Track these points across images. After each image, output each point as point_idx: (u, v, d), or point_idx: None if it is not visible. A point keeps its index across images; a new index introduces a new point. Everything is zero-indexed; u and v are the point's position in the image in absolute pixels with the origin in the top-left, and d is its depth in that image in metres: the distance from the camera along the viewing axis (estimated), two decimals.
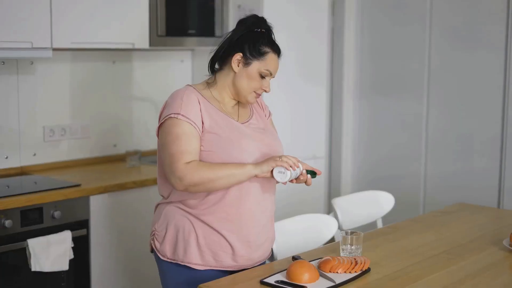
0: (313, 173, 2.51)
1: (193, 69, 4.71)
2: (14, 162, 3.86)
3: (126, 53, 4.32)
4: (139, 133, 4.45)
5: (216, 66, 2.61)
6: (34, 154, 3.94)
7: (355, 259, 2.47)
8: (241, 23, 2.58)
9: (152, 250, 2.63)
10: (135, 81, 4.41)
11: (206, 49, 4.53)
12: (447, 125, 4.51)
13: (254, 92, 2.56)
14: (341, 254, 2.59)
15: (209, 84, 2.58)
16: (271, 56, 2.54)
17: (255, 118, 2.64)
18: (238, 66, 2.53)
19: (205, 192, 2.46)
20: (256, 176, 2.43)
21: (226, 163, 2.43)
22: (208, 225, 2.48)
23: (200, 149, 2.45)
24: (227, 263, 2.52)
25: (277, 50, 2.58)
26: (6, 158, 3.82)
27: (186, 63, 4.67)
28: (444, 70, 4.49)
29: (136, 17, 3.95)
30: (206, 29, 4.32)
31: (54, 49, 3.62)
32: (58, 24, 3.57)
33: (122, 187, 3.66)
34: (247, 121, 2.60)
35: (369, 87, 4.90)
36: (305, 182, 2.51)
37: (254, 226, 2.53)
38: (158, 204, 2.65)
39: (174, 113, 2.43)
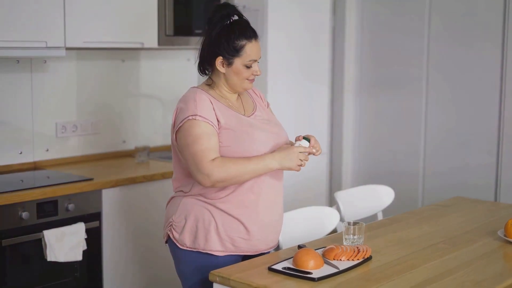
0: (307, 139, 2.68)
1: None
2: (28, 157, 4.00)
3: (134, 52, 4.46)
4: (147, 130, 4.59)
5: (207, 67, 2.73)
6: (47, 150, 4.08)
7: (357, 247, 2.61)
8: (210, 22, 2.67)
9: (167, 241, 2.77)
10: (143, 79, 4.55)
11: None
12: (445, 121, 4.61)
13: (247, 79, 2.69)
14: (344, 243, 2.73)
15: (209, 85, 2.72)
16: (248, 46, 2.64)
17: (259, 110, 2.79)
18: (223, 67, 2.66)
19: (230, 188, 2.63)
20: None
21: (248, 157, 2.58)
22: (226, 212, 2.64)
23: (219, 144, 2.60)
24: (245, 248, 2.69)
25: (251, 36, 2.66)
26: (20, 153, 3.97)
27: (192, 61, 4.81)
28: (442, 68, 4.59)
29: (145, 17, 4.09)
30: None
31: (67, 48, 3.76)
32: (71, 24, 3.72)
33: (132, 181, 3.80)
34: (253, 114, 2.75)
35: (369, 84, 5.00)
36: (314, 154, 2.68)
37: (269, 207, 2.71)
38: (172, 197, 2.79)
39: (191, 115, 2.57)
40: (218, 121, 2.62)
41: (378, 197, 3.74)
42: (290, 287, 2.32)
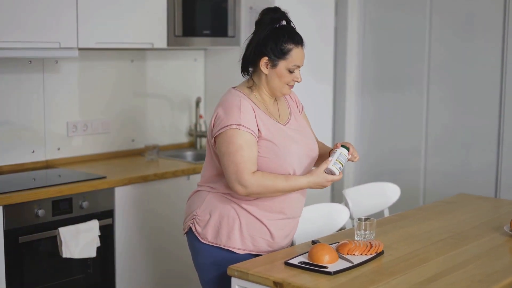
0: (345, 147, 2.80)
1: (205, 68, 4.93)
2: (40, 156, 4.08)
3: (143, 52, 4.54)
4: (156, 129, 4.67)
5: (250, 68, 2.80)
6: (58, 149, 4.16)
7: (370, 242, 2.69)
8: (260, 24, 2.74)
9: (187, 233, 2.84)
10: (151, 79, 4.63)
11: (219, 49, 4.78)
12: (447, 120, 4.66)
13: (287, 84, 2.76)
14: (356, 238, 2.82)
15: (250, 88, 2.77)
16: (295, 51, 2.71)
17: (294, 118, 2.86)
18: (267, 68, 2.72)
19: None
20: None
21: (286, 176, 2.68)
22: (251, 214, 2.73)
23: (257, 154, 2.68)
24: (264, 248, 2.78)
25: (299, 42, 2.73)
26: (33, 152, 4.04)
27: (199, 61, 4.89)
28: (443, 67, 4.65)
29: (155, 18, 4.17)
30: (219, 29, 4.54)
31: (80, 49, 3.84)
32: (83, 25, 3.80)
33: (144, 179, 3.88)
34: (288, 122, 2.82)
35: (371, 83, 5.04)
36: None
37: (293, 217, 2.84)
38: (197, 191, 2.86)
39: (236, 124, 2.63)
40: (259, 130, 2.68)
41: (384, 194, 3.82)
42: (307, 281, 2.40)
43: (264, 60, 2.71)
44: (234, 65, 4.73)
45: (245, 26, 4.65)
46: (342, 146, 2.78)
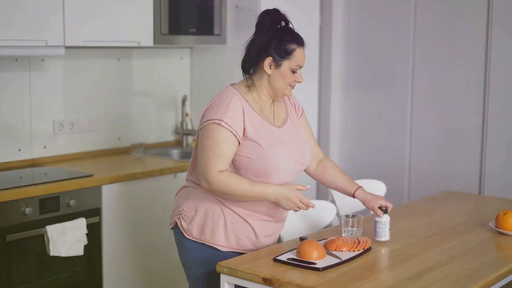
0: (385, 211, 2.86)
1: (191, 66, 4.94)
2: (26, 155, 4.06)
3: (129, 50, 4.54)
4: (142, 127, 4.67)
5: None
6: (45, 147, 4.15)
7: (357, 239, 2.72)
8: (260, 26, 2.75)
9: (173, 228, 2.85)
10: (137, 77, 4.63)
11: (205, 47, 4.80)
12: (431, 117, 4.69)
13: (289, 85, 2.78)
14: (343, 235, 2.84)
15: (249, 87, 2.78)
16: (298, 51, 2.73)
17: (289, 122, 2.86)
18: (270, 68, 2.73)
19: None
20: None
21: (253, 182, 2.67)
22: (236, 213, 2.74)
23: (241, 154, 2.68)
24: (247, 246, 2.79)
25: (301, 42, 2.76)
26: (19, 150, 4.03)
27: (185, 60, 4.90)
28: (427, 65, 4.67)
29: (141, 16, 4.17)
30: (205, 28, 4.55)
31: (66, 47, 3.83)
32: (70, 24, 3.79)
33: (131, 177, 3.88)
34: (283, 125, 2.82)
35: (356, 81, 5.06)
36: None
37: (278, 218, 2.84)
38: (184, 187, 2.87)
39: (218, 119, 2.64)
40: (245, 129, 2.68)
41: (371, 191, 3.82)
42: (296, 277, 2.42)
43: (268, 61, 2.72)
44: (220, 63, 4.78)
45: (231, 25, 4.67)
46: (385, 212, 2.86)
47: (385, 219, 2.82)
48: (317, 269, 2.48)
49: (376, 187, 3.86)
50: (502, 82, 4.35)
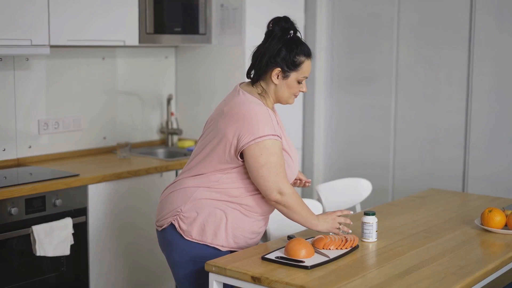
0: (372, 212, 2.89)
1: (176, 65, 4.94)
2: (11, 154, 4.04)
3: (114, 49, 4.53)
4: (127, 126, 4.66)
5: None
6: (30, 147, 4.13)
7: (345, 237, 2.74)
8: (270, 34, 2.76)
9: (164, 229, 2.83)
10: (122, 77, 4.62)
11: (190, 46, 4.80)
12: (414, 116, 4.72)
13: (294, 95, 2.82)
14: (331, 233, 2.85)
15: (261, 95, 2.79)
16: (305, 63, 2.77)
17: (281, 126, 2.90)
18: (278, 78, 2.76)
19: (254, 191, 2.77)
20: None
21: (310, 210, 2.80)
22: (237, 214, 2.76)
23: None
24: (242, 244, 2.82)
25: (309, 54, 2.79)
26: (4, 150, 4.00)
27: (170, 59, 4.90)
28: (411, 65, 4.69)
29: (126, 15, 4.16)
30: (190, 27, 4.55)
31: (51, 46, 3.81)
32: (55, 23, 3.78)
33: (117, 176, 3.87)
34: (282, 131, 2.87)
35: (341, 80, 5.07)
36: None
37: (267, 215, 2.90)
38: (181, 188, 2.81)
39: (273, 134, 2.67)
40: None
41: (357, 190, 3.87)
42: (285, 275, 2.43)
43: (276, 71, 2.74)
44: (205, 62, 4.78)
45: (216, 24, 4.67)
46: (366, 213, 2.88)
47: (372, 220, 2.84)
48: (306, 267, 2.49)
49: (362, 186, 3.89)
50: (485, 81, 4.39)
